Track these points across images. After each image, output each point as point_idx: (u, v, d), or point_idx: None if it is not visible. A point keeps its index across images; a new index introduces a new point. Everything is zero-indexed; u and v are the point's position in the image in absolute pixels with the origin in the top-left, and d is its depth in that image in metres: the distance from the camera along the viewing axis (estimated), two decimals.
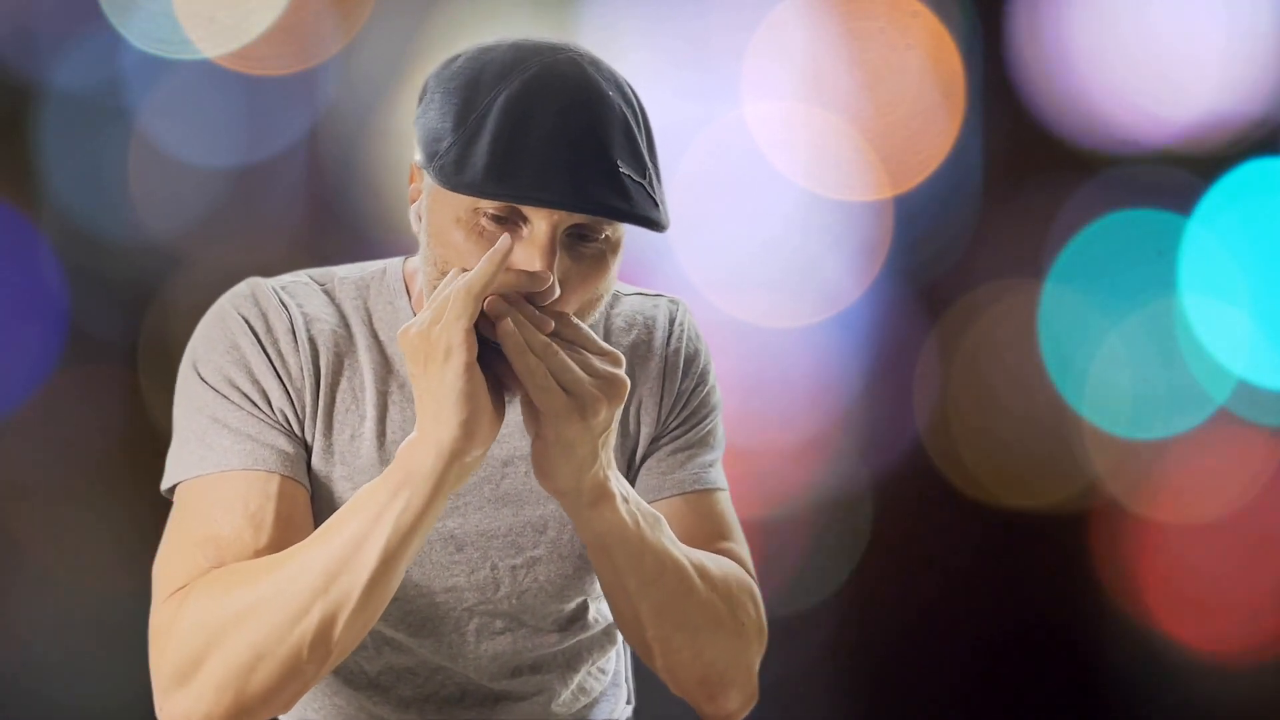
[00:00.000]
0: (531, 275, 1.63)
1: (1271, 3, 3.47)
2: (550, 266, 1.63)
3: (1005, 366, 3.48)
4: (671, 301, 1.94)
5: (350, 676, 1.87)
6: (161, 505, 1.85)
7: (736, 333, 3.40)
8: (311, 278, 1.87)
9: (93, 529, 3.20)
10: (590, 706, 1.96)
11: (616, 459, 1.85)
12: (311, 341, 1.80)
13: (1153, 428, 3.50)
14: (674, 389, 1.89)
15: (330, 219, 3.26)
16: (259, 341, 1.79)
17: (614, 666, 2.01)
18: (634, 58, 3.32)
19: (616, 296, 1.92)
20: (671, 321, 1.91)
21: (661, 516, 1.78)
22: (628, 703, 2.08)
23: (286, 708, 1.70)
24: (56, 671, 3.22)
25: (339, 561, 1.64)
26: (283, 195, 3.25)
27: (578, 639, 1.92)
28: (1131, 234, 3.47)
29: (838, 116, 3.43)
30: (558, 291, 1.64)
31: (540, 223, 1.63)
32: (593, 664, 1.96)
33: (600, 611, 1.94)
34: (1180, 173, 3.47)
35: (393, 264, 1.88)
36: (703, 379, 1.92)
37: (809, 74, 3.42)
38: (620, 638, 2.01)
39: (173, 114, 3.20)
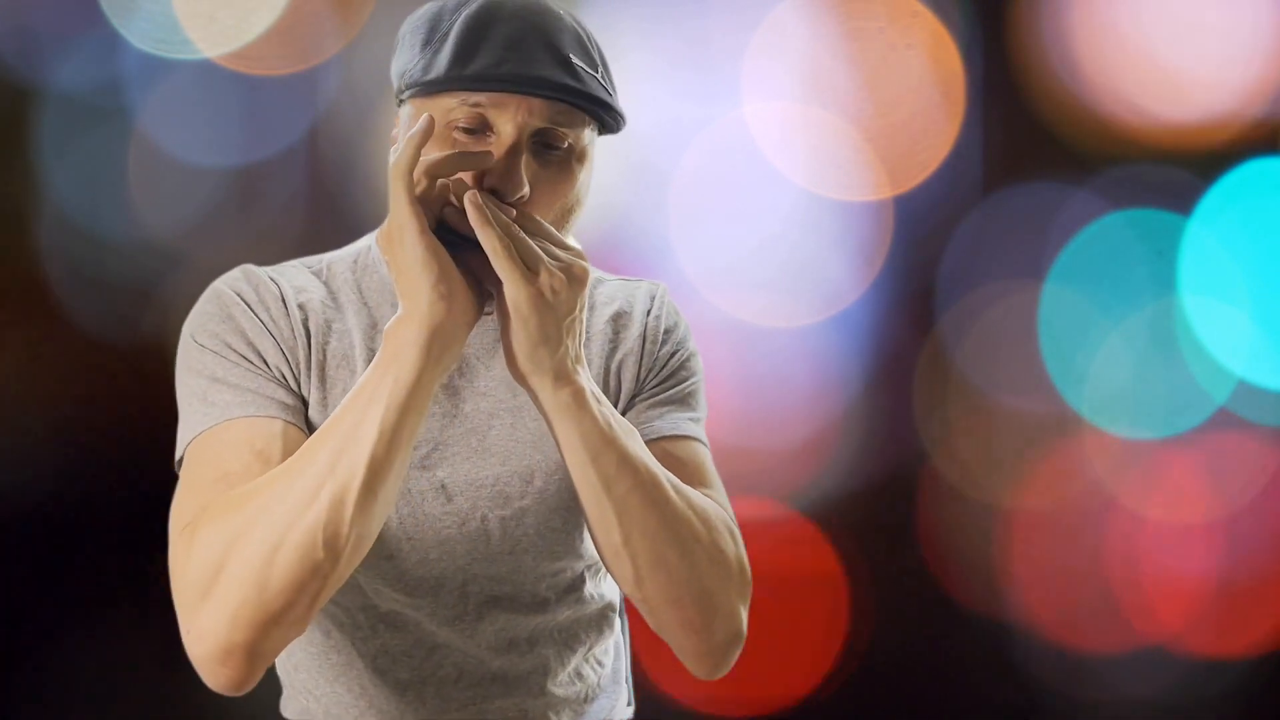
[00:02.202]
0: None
1: (1272, 3, 3.47)
2: (517, 166, 1.75)
3: (1005, 366, 3.48)
4: (652, 284, 2.03)
5: (349, 659, 1.91)
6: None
7: (736, 333, 3.41)
8: (299, 262, 1.98)
9: (93, 528, 3.20)
10: (587, 699, 1.98)
11: None
12: (301, 308, 1.90)
13: (1153, 428, 3.50)
14: (654, 352, 1.96)
15: (330, 219, 3.27)
16: (250, 309, 1.88)
17: (613, 663, 2.02)
18: (634, 58, 3.32)
19: (600, 279, 2.00)
20: (652, 297, 1.99)
21: (637, 431, 1.83)
22: (629, 704, 2.09)
23: (306, 618, 1.74)
24: (57, 670, 3.23)
25: (340, 444, 1.72)
26: (283, 195, 3.26)
27: (572, 613, 1.95)
28: (1131, 234, 3.48)
29: (838, 116, 3.43)
30: (526, 188, 1.75)
31: (506, 126, 1.76)
32: (589, 649, 1.98)
33: (596, 590, 1.96)
34: (1180, 173, 3.47)
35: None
36: (682, 346, 1.98)
37: (809, 74, 3.42)
38: (618, 626, 2.04)
39: (173, 114, 3.20)
